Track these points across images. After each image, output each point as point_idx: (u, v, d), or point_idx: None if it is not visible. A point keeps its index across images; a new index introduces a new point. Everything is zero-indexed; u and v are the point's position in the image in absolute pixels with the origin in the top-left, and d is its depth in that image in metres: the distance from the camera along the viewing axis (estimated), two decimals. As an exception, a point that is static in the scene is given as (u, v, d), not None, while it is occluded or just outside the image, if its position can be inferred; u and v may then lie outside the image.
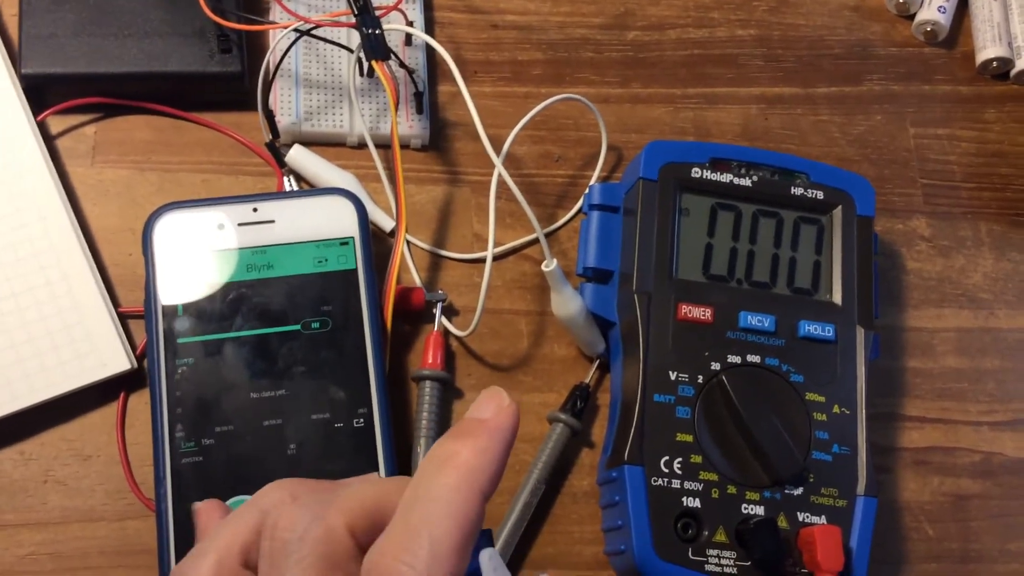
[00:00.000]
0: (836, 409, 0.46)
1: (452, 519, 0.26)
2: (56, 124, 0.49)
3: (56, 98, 0.48)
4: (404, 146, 0.51)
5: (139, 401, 0.45)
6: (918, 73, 0.60)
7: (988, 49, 0.59)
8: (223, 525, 0.29)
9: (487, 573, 0.27)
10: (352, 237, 0.45)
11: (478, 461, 0.27)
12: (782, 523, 0.44)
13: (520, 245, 0.51)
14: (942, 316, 0.54)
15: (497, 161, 0.45)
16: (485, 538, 0.28)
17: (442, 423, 0.47)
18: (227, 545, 0.28)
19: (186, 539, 0.40)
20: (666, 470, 0.44)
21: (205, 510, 0.36)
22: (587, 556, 0.47)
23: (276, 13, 0.51)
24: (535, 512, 0.46)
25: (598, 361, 0.49)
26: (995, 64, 0.59)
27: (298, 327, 0.44)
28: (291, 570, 0.26)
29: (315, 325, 0.44)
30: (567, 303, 0.47)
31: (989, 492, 0.51)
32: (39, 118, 0.47)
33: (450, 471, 0.27)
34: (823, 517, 0.44)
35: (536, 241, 0.51)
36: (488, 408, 0.29)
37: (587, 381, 0.49)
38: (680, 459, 0.44)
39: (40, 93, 0.48)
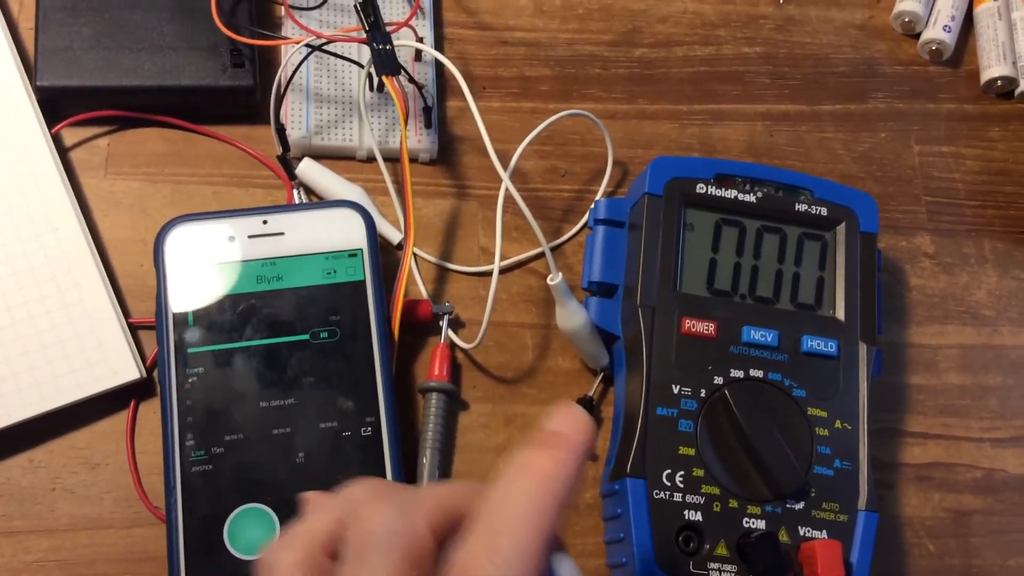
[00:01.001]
0: (838, 424, 0.46)
1: (532, 524, 0.27)
2: (70, 136, 0.50)
3: (71, 110, 0.49)
4: (412, 160, 0.52)
5: (148, 410, 0.46)
6: (923, 91, 0.60)
7: (993, 68, 0.60)
8: (311, 513, 0.30)
9: None
10: (360, 249, 0.46)
11: (556, 471, 0.28)
12: (783, 537, 0.44)
13: (526, 259, 0.52)
14: (945, 333, 0.55)
15: (504, 176, 0.46)
16: (558, 545, 0.29)
17: (448, 435, 0.48)
18: (314, 532, 0.29)
19: (196, 547, 0.41)
20: (668, 483, 0.44)
21: (313, 499, 0.36)
22: (590, 569, 0.47)
23: (288, 28, 0.52)
24: (538, 524, 0.47)
25: (602, 374, 0.50)
26: (1000, 83, 0.60)
27: (307, 337, 0.44)
28: (376, 562, 0.27)
29: (323, 335, 0.44)
30: (572, 317, 0.48)
31: (991, 508, 0.51)
32: (54, 130, 0.48)
33: (530, 479, 0.28)
34: (824, 532, 0.45)
35: (542, 255, 0.52)
36: (566, 422, 0.30)
37: (591, 394, 0.49)
38: (682, 472, 0.44)
39: (55, 105, 0.49)
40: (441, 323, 0.49)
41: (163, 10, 0.49)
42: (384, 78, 0.47)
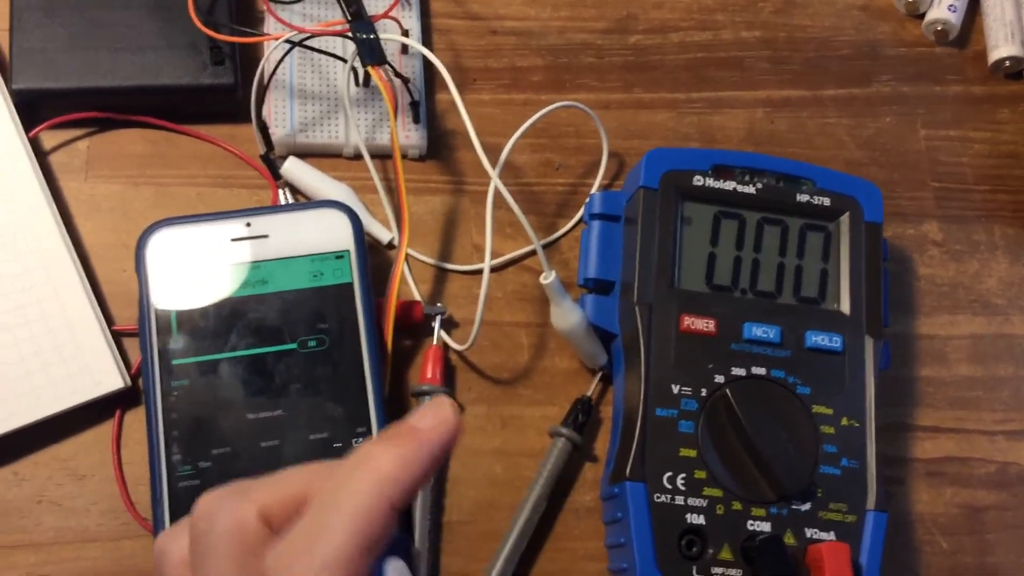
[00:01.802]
0: (844, 422, 0.45)
1: (355, 530, 0.26)
2: (49, 139, 0.48)
3: (48, 113, 0.48)
4: (402, 156, 0.51)
5: (134, 419, 0.45)
6: (928, 73, 0.58)
7: (1001, 48, 0.58)
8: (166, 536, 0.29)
9: None
10: (347, 250, 0.45)
11: (395, 471, 0.27)
12: (789, 540, 0.43)
13: (520, 256, 0.51)
14: (955, 323, 0.53)
15: (493, 173, 0.45)
16: (401, 547, 0.27)
17: (441, 439, 0.46)
18: (168, 549, 0.29)
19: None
20: (669, 486, 0.43)
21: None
22: (590, 573, 0.46)
23: (270, 24, 0.50)
24: (537, 528, 0.45)
25: (600, 373, 0.48)
26: (1008, 63, 0.58)
27: (294, 346, 0.43)
28: (208, 559, 0.26)
29: (311, 343, 0.43)
30: (567, 315, 0.46)
31: (1005, 503, 0.50)
32: (31, 134, 0.47)
33: (363, 476, 0.27)
34: (832, 533, 0.43)
35: (536, 252, 0.50)
36: (428, 418, 0.28)
37: (589, 394, 0.48)
38: (684, 475, 0.43)
39: (32, 108, 0.47)
40: (434, 324, 0.47)
41: (140, 8, 0.48)
42: (370, 69, 0.46)
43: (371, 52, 0.45)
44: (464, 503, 0.46)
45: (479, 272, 0.50)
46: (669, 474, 0.43)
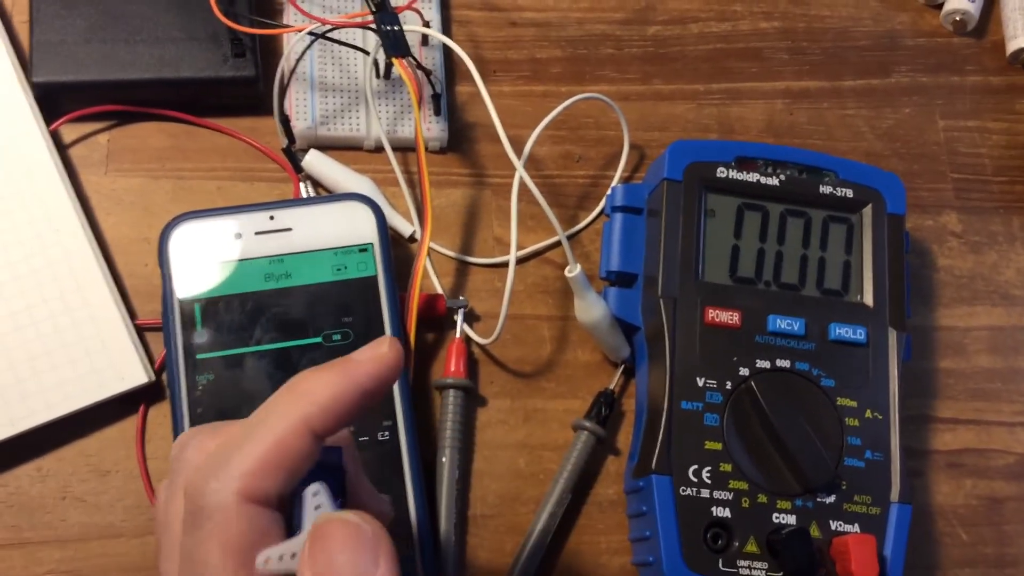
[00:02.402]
0: (868, 414, 0.45)
1: (266, 446, 0.27)
2: (69, 132, 0.48)
3: (68, 106, 0.47)
4: (424, 149, 0.50)
5: (158, 414, 0.45)
6: (947, 64, 0.58)
7: (1019, 38, 0.58)
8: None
9: (308, 508, 0.27)
10: (371, 243, 0.44)
11: (320, 398, 0.28)
12: (814, 532, 0.43)
13: (542, 248, 0.50)
14: (974, 314, 0.53)
15: (518, 164, 0.44)
16: (332, 478, 0.28)
17: (466, 432, 0.46)
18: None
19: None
20: (695, 479, 0.43)
21: None
22: (614, 567, 0.46)
23: (290, 15, 0.50)
24: (561, 522, 0.45)
25: (623, 366, 0.48)
26: (1026, 53, 0.58)
27: (319, 340, 0.43)
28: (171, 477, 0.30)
29: (336, 337, 0.43)
30: (591, 309, 0.46)
31: (1024, 495, 0.50)
32: (52, 127, 0.47)
33: (288, 399, 0.28)
34: (856, 525, 0.43)
35: (558, 244, 0.50)
36: (365, 352, 0.29)
37: (612, 387, 0.48)
38: (709, 468, 0.43)
39: (52, 101, 0.47)
40: (456, 318, 0.47)
41: (160, 0, 0.48)
42: (394, 60, 0.46)
43: (396, 44, 0.45)
44: (488, 496, 0.46)
45: (500, 265, 0.49)
46: (695, 467, 0.43)
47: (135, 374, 0.43)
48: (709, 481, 0.43)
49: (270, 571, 0.26)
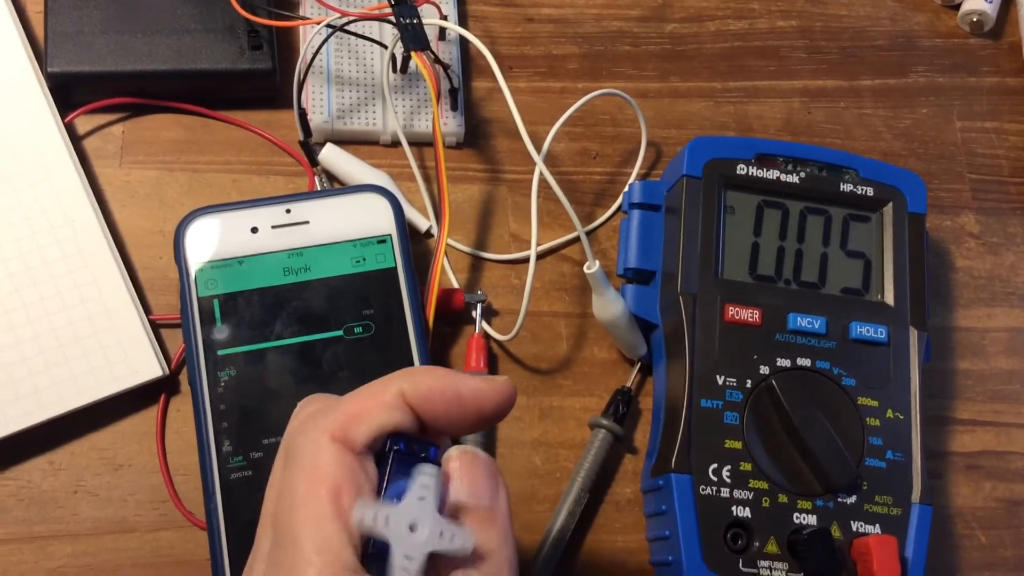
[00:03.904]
0: (889, 414, 0.45)
1: (360, 401, 0.29)
2: (83, 124, 0.48)
3: (83, 97, 0.47)
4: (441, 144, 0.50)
5: (172, 409, 0.44)
6: (964, 65, 0.58)
7: (1036, 39, 0.58)
8: None
9: (414, 489, 0.28)
10: (389, 235, 0.44)
11: (421, 381, 0.30)
12: (835, 532, 0.42)
13: (559, 245, 0.50)
14: (993, 315, 0.53)
15: (538, 159, 0.44)
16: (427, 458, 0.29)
17: (488, 429, 0.46)
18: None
19: (240, 554, 0.39)
20: (715, 478, 0.42)
21: None
22: (632, 566, 0.45)
23: (307, 7, 0.50)
24: (578, 521, 0.45)
25: (639, 364, 0.48)
26: (1043, 55, 0.58)
27: (340, 332, 0.42)
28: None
29: (358, 330, 0.42)
30: (609, 305, 0.46)
31: (1044, 497, 0.50)
32: (67, 119, 0.46)
33: (395, 375, 0.30)
34: (877, 526, 0.43)
35: (575, 241, 0.50)
36: (481, 377, 0.31)
37: (629, 385, 0.47)
38: (729, 467, 0.43)
39: (67, 92, 0.47)
40: (474, 313, 0.47)
41: (177, -10, 0.47)
42: (413, 54, 0.45)
43: (415, 37, 0.45)
44: (504, 494, 0.46)
45: (517, 261, 0.49)
46: (714, 466, 0.43)
47: (149, 368, 0.43)
48: (729, 480, 0.42)
49: (365, 528, 0.27)
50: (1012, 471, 0.50)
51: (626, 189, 0.49)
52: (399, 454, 0.29)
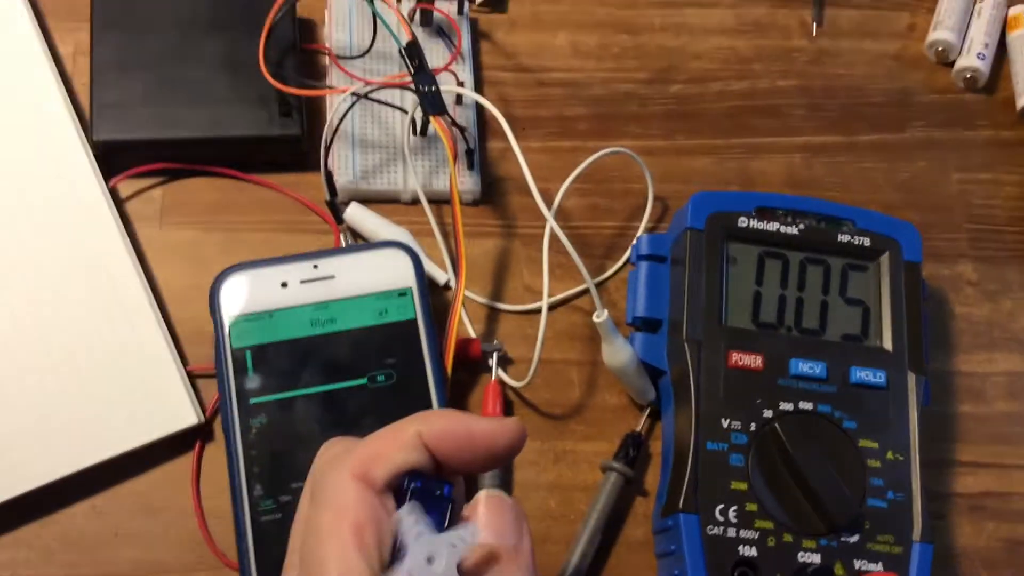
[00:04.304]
0: (890, 455, 0.46)
1: (380, 441, 0.31)
2: (126, 188, 0.51)
3: (126, 162, 0.50)
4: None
5: (206, 455, 0.47)
6: (960, 119, 0.60)
7: (1029, 94, 0.60)
8: None
9: (406, 525, 0.30)
10: (410, 287, 0.47)
11: (436, 422, 0.32)
12: (839, 571, 0.44)
13: (570, 296, 0.53)
14: (992, 360, 0.55)
15: (549, 216, 0.47)
16: (438, 508, 0.31)
17: (505, 472, 0.48)
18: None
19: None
20: (721, 518, 0.44)
21: None
22: (644, 604, 0.47)
23: (333, 76, 0.53)
24: (591, 562, 0.47)
25: (649, 408, 0.50)
26: (1036, 108, 0.60)
27: (364, 381, 0.45)
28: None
29: (380, 378, 0.45)
30: (618, 353, 0.48)
31: (1047, 537, 0.51)
32: (110, 184, 0.50)
33: (411, 418, 0.32)
34: (880, 564, 0.45)
35: (584, 292, 0.52)
36: (492, 418, 0.33)
37: (639, 429, 0.50)
38: (735, 507, 0.44)
39: (110, 158, 0.50)
40: (490, 362, 0.49)
41: (212, 64, 0.51)
42: (431, 118, 0.48)
43: (433, 103, 0.48)
44: (521, 535, 0.48)
45: (531, 312, 0.52)
46: (721, 506, 0.44)
47: (186, 416, 0.46)
48: (735, 520, 0.44)
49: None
50: (1014, 512, 0.51)
51: (634, 242, 0.52)
52: (416, 491, 0.31)
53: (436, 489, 0.32)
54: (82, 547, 0.45)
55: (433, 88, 0.48)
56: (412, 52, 0.48)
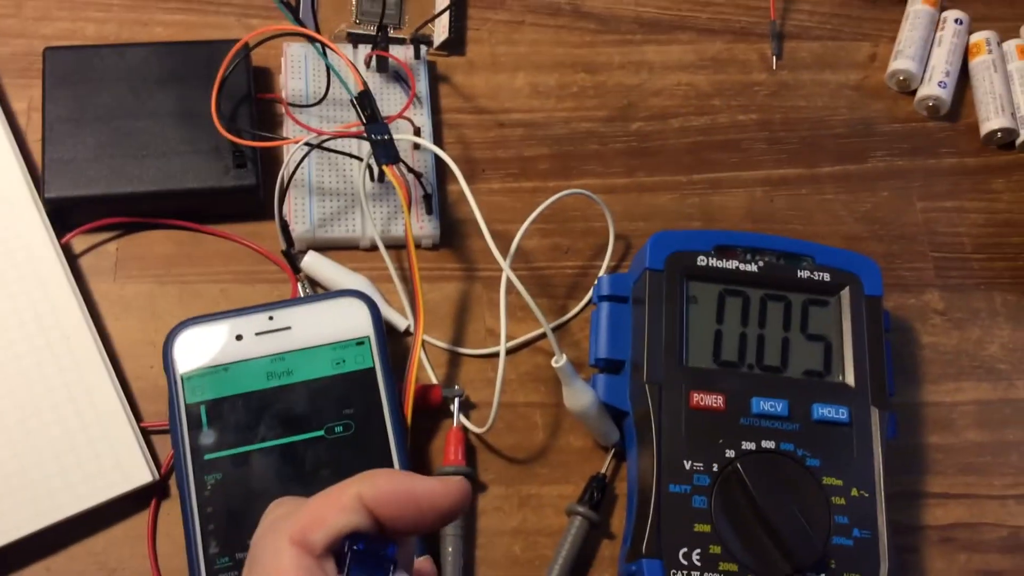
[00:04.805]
0: (854, 492, 0.46)
1: (319, 504, 0.31)
2: (79, 243, 0.51)
3: (79, 218, 0.50)
4: (416, 246, 0.53)
5: (162, 513, 0.46)
6: (923, 148, 0.60)
7: (992, 120, 0.60)
8: None
9: None
10: (367, 336, 0.46)
11: (378, 483, 0.31)
12: (805, 612, 0.44)
13: (533, 338, 0.52)
14: (961, 389, 0.54)
15: (504, 264, 0.46)
16: (380, 567, 0.30)
17: (468, 518, 0.48)
18: None
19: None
20: (685, 562, 0.44)
21: None
22: (611, 651, 0.47)
23: (288, 127, 0.53)
24: (557, 608, 0.46)
25: (614, 450, 0.50)
26: (1000, 135, 0.60)
27: (322, 432, 0.44)
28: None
29: (338, 429, 0.45)
30: (579, 396, 0.48)
31: (1019, 567, 0.50)
32: (63, 240, 0.49)
33: (354, 478, 0.31)
34: (846, 604, 0.44)
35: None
36: (437, 479, 0.32)
37: (604, 471, 0.49)
38: (699, 550, 0.44)
39: (63, 215, 0.50)
40: (452, 407, 0.49)
41: (165, 116, 0.51)
42: (384, 167, 0.48)
43: (385, 152, 0.48)
44: (485, 584, 0.47)
45: (493, 355, 0.51)
46: (684, 550, 0.44)
47: (140, 474, 0.45)
48: (699, 563, 0.44)
49: None
50: (985, 542, 0.51)
51: (596, 282, 0.52)
52: (356, 554, 0.31)
53: (380, 550, 0.31)
54: (38, 610, 0.44)
55: (386, 137, 0.48)
56: (364, 102, 0.48)
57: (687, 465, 0.45)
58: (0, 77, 0.54)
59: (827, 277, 0.50)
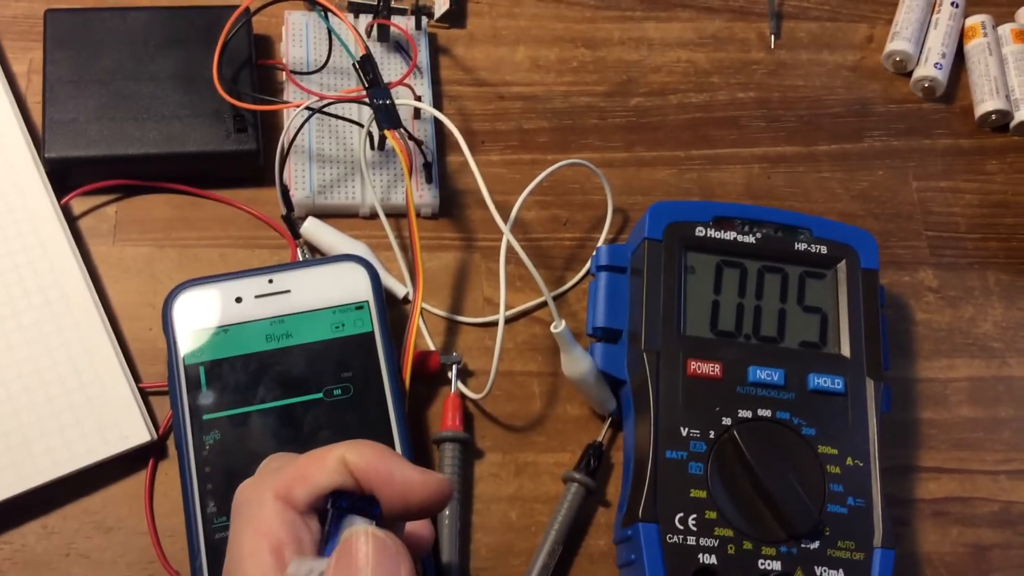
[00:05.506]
0: (849, 461, 0.46)
1: (303, 462, 0.31)
2: (79, 205, 0.51)
3: (79, 180, 0.50)
4: (415, 215, 0.53)
5: (160, 473, 0.46)
6: (918, 128, 0.61)
7: (987, 102, 0.61)
8: None
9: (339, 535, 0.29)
10: (367, 301, 0.46)
11: (362, 451, 0.31)
12: (800, 578, 0.44)
13: (530, 308, 0.52)
14: (954, 366, 0.55)
15: (505, 229, 0.47)
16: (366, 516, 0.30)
17: (465, 484, 0.48)
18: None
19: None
20: (681, 527, 0.44)
21: None
22: (606, 616, 0.47)
23: (290, 91, 0.53)
24: (552, 573, 0.46)
25: (610, 419, 0.50)
26: (994, 117, 0.61)
27: (320, 395, 0.45)
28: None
29: (337, 392, 0.45)
30: (577, 363, 0.48)
31: (1009, 541, 0.51)
32: (63, 201, 0.49)
33: (339, 444, 0.31)
34: (840, 571, 0.44)
35: (545, 304, 0.52)
36: (421, 469, 0.32)
37: (600, 439, 0.49)
38: (695, 515, 0.44)
39: (63, 176, 0.50)
40: (450, 374, 0.49)
41: (166, 79, 0.51)
42: (386, 132, 0.48)
43: (387, 117, 0.48)
44: (481, 550, 0.47)
45: (491, 324, 0.51)
46: (680, 515, 0.44)
47: (138, 433, 0.45)
48: (695, 528, 0.44)
49: None
50: (977, 516, 0.51)
51: (594, 253, 0.52)
52: (339, 511, 0.30)
53: (364, 509, 0.31)
54: (34, 567, 0.44)
55: (388, 102, 0.48)
56: (366, 66, 0.48)
57: (684, 432, 0.46)
58: (1, 39, 0.54)
59: (824, 250, 0.50)
